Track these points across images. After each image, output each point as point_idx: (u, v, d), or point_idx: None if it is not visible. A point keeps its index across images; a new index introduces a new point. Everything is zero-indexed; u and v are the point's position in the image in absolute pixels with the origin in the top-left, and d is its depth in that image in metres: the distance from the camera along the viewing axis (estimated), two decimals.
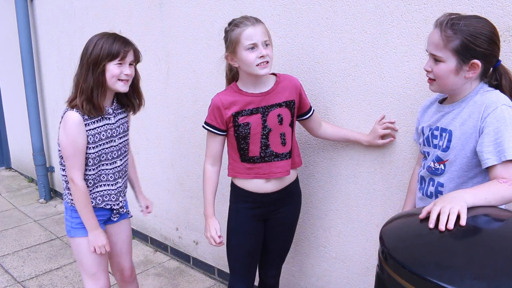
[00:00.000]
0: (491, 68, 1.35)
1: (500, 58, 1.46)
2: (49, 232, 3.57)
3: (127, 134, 1.90)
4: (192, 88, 2.65)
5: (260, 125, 1.72)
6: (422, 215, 1.11)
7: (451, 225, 1.03)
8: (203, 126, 1.81)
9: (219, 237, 1.81)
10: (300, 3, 2.00)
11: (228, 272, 2.71)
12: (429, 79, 1.38)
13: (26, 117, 4.31)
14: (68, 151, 1.67)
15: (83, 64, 1.66)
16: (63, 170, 1.78)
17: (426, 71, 1.38)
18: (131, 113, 1.91)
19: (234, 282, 1.93)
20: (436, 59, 1.32)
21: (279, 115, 1.73)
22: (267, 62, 1.64)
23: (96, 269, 1.83)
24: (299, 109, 1.82)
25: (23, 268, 2.95)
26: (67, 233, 1.85)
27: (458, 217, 1.06)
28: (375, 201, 1.91)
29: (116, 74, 1.67)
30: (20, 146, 5.05)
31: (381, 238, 1.09)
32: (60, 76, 3.95)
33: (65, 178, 1.80)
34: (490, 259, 0.93)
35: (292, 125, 1.79)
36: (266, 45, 1.64)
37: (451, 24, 1.27)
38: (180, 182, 2.91)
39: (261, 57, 1.62)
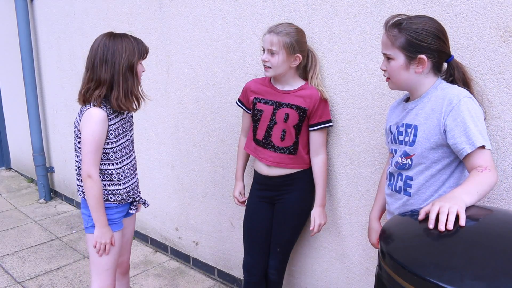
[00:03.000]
0: (446, 65, 1.43)
1: (499, 58, 1.47)
2: (49, 232, 3.57)
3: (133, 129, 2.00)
4: (192, 88, 2.65)
5: (269, 116, 1.96)
6: (421, 216, 1.12)
7: (450, 226, 1.03)
8: (236, 103, 2.16)
9: (243, 200, 2.17)
10: (300, 4, 2.00)
11: (228, 272, 2.72)
12: (386, 78, 1.47)
13: (26, 117, 4.31)
14: (91, 146, 1.71)
15: (114, 65, 1.71)
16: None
17: (382, 70, 1.46)
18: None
19: (244, 255, 2.18)
20: (388, 58, 1.40)
21: (286, 114, 1.91)
22: (267, 67, 1.87)
23: (110, 266, 1.86)
24: (308, 120, 1.94)
25: (23, 269, 2.95)
26: (88, 230, 1.84)
27: (457, 217, 1.06)
28: None
29: (142, 71, 1.82)
30: (20, 146, 5.05)
31: (381, 239, 1.09)
32: (60, 76, 3.95)
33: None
34: (490, 259, 0.93)
35: (297, 127, 1.93)
36: (272, 53, 1.84)
37: (396, 24, 1.37)
38: (180, 182, 2.92)
39: (263, 61, 1.88)
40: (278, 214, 2.05)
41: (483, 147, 1.28)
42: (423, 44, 1.33)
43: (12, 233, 3.56)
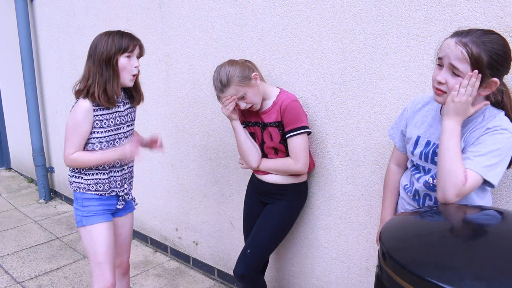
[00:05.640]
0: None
1: None
2: (49, 232, 3.57)
3: (133, 124, 2.00)
4: (192, 88, 2.65)
5: (260, 136, 2.01)
6: None
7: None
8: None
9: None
10: (300, 4, 2.00)
11: (227, 272, 2.72)
12: (441, 91, 1.30)
13: (26, 118, 4.31)
14: (69, 132, 1.79)
15: (94, 60, 1.77)
16: None
17: (441, 83, 1.29)
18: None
19: None
20: (455, 73, 1.25)
21: (270, 133, 1.97)
22: (250, 107, 1.91)
23: (102, 259, 1.87)
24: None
25: (23, 269, 2.95)
26: (77, 224, 1.89)
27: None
28: (375, 202, 1.91)
29: (126, 66, 1.80)
30: (20, 146, 5.05)
31: (380, 239, 1.09)
32: (60, 76, 3.95)
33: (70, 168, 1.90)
34: (490, 259, 0.93)
35: (283, 141, 1.96)
36: (242, 98, 1.87)
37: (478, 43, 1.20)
38: (180, 182, 2.91)
39: (244, 108, 1.91)
40: (262, 215, 2.04)
41: (478, 175, 1.21)
42: (500, 67, 1.21)
43: (12, 233, 3.56)
